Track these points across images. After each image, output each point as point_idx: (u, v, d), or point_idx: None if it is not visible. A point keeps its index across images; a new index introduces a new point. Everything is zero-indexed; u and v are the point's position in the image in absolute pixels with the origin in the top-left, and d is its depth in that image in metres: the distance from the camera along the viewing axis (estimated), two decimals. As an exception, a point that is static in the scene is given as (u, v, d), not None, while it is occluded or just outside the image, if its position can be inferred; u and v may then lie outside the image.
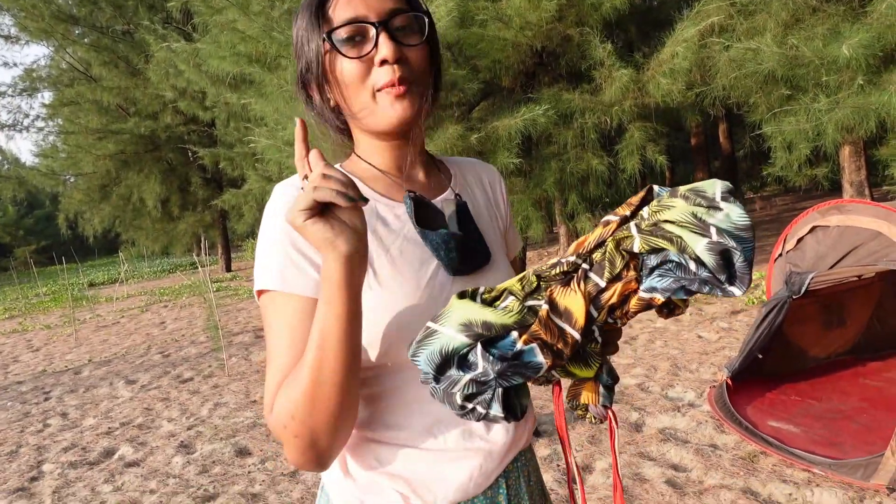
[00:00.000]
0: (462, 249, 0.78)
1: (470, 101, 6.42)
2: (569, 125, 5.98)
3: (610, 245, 0.62)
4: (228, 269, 16.03)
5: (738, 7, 5.18)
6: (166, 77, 12.27)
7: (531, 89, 6.52)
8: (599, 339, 0.66)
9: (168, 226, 15.31)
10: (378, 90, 0.74)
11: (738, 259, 0.56)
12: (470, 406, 0.67)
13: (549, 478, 2.68)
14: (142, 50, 13.45)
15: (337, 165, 0.85)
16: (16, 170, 16.12)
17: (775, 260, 3.25)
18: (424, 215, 0.79)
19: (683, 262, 0.58)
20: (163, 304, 11.09)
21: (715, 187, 0.59)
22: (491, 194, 0.94)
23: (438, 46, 0.82)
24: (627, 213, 0.64)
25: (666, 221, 0.59)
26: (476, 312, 0.64)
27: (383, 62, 0.72)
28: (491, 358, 0.63)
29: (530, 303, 0.64)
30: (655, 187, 0.64)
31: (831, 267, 2.85)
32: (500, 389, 0.65)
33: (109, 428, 4.30)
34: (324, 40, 0.74)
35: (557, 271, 0.65)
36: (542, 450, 3.00)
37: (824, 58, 4.37)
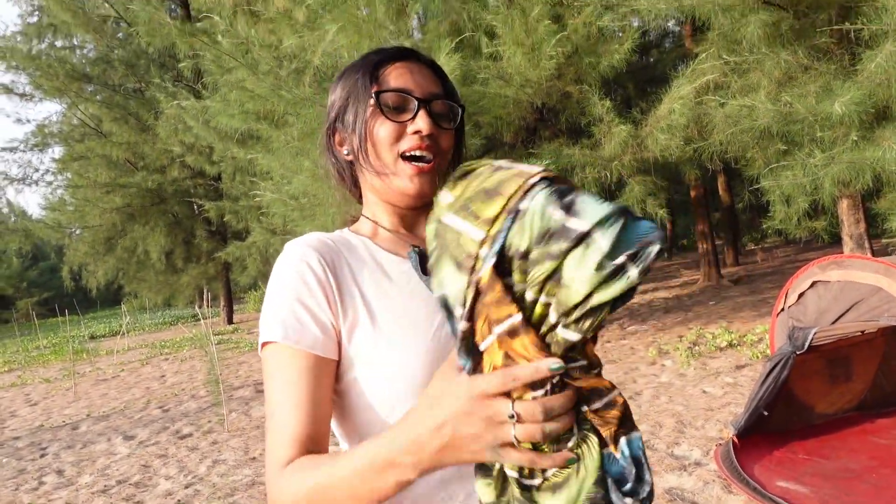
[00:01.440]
0: None
1: (472, 156, 6.54)
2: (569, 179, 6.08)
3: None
4: (230, 322, 15.97)
5: (732, 66, 5.33)
6: (175, 132, 12.57)
7: (532, 144, 6.65)
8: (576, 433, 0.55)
9: (171, 278, 15.36)
10: (402, 154, 0.79)
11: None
12: None
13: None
14: (152, 107, 13.81)
15: (346, 229, 0.88)
16: (22, 223, 16.32)
17: (777, 314, 3.25)
18: (428, 269, 0.82)
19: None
20: (163, 357, 11.02)
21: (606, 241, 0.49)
22: None
23: (464, 133, 0.89)
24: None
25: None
26: None
27: (416, 132, 0.78)
28: None
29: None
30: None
31: (833, 322, 2.85)
32: None
33: (105, 486, 4.22)
34: (372, 98, 0.79)
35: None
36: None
37: (818, 114, 4.47)
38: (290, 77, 6.28)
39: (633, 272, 0.49)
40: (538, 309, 0.53)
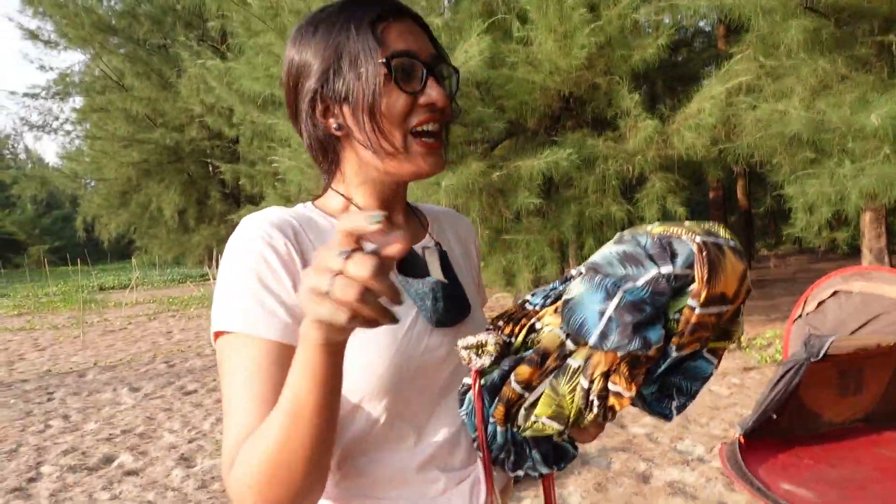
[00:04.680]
0: (448, 299, 0.75)
1: (493, 139, 6.51)
2: (591, 170, 6.04)
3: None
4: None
5: (767, 69, 5.26)
6: (196, 92, 12.54)
7: (555, 132, 6.60)
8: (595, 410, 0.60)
9: (183, 237, 15.46)
10: (412, 132, 0.71)
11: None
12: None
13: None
14: (175, 64, 13.78)
15: (308, 203, 0.80)
16: (39, 169, 16.41)
17: (794, 320, 3.24)
18: (404, 263, 0.76)
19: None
20: (171, 314, 11.12)
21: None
22: (465, 245, 0.92)
23: (455, 99, 0.81)
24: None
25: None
26: None
27: (429, 105, 0.71)
28: None
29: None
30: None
31: (852, 333, 2.84)
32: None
33: (110, 434, 4.28)
34: (383, 64, 0.68)
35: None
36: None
37: (851, 125, 4.42)
38: (319, 44, 6.24)
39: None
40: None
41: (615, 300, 0.54)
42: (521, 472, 0.69)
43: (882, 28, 5.06)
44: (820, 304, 3.03)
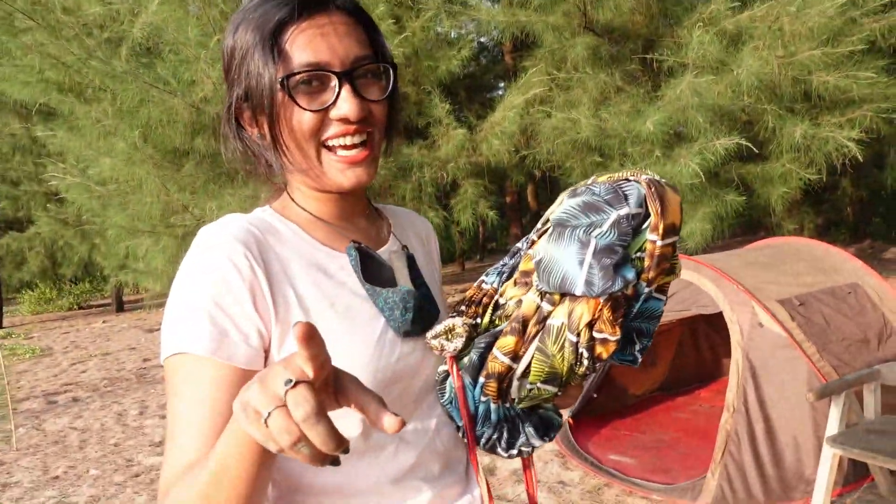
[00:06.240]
0: (417, 307, 0.71)
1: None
2: (407, 179, 6.19)
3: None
4: (0, 326, 13.74)
5: (558, 82, 5.83)
6: (-68, 99, 10.54)
7: (369, 142, 6.65)
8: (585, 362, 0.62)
9: (-78, 273, 12.82)
10: (324, 143, 0.68)
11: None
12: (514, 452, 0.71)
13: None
14: None
15: (266, 207, 0.75)
16: None
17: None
18: (370, 269, 0.72)
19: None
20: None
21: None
22: (427, 246, 0.89)
23: (398, 95, 0.76)
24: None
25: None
26: None
27: (342, 120, 0.66)
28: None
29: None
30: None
31: (652, 312, 3.24)
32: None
33: None
34: (281, 83, 0.65)
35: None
36: None
37: (630, 131, 5.07)
38: (101, 47, 5.60)
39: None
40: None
41: (590, 247, 0.57)
42: (514, 451, 0.70)
43: (645, 47, 5.88)
44: (624, 290, 3.43)
